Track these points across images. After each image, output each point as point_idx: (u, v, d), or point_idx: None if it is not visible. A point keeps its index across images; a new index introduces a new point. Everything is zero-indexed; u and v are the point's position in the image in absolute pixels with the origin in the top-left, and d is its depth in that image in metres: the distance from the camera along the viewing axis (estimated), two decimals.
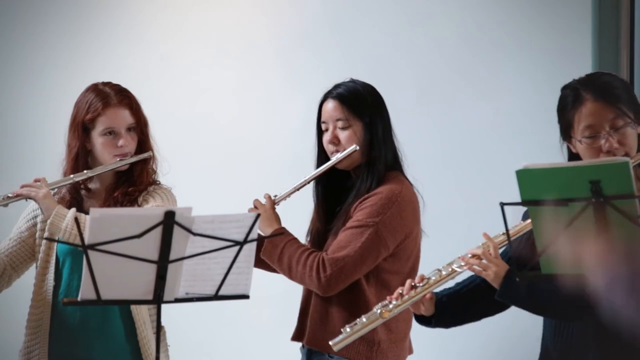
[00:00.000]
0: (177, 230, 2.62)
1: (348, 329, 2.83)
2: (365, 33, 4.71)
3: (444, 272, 2.76)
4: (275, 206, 3.30)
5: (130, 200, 3.36)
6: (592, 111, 2.70)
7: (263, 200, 3.29)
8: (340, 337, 2.84)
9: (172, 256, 2.65)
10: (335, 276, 3.14)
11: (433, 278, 2.76)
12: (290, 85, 4.76)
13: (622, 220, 2.36)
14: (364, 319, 2.82)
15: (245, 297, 2.83)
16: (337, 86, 3.31)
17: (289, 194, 3.30)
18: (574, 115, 2.72)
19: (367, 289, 3.20)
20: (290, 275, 3.22)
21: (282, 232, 3.22)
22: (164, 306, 2.73)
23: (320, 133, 3.32)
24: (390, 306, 2.78)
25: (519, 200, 2.45)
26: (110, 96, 3.37)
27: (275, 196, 3.30)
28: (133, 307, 3.29)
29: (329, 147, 3.27)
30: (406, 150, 4.58)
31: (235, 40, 4.90)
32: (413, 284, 2.78)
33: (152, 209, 3.15)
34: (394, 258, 3.19)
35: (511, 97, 4.50)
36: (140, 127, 3.40)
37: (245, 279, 2.79)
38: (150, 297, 2.71)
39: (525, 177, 2.43)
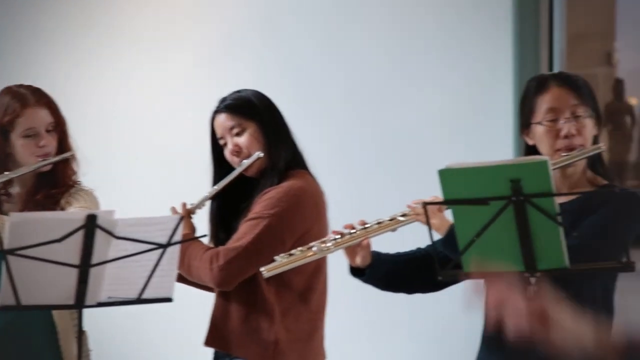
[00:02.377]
0: (99, 233, 2.60)
1: (281, 258, 2.82)
2: (295, 34, 4.71)
3: (386, 220, 2.76)
4: (192, 215, 3.27)
5: (53, 202, 3.31)
6: (556, 95, 2.76)
7: (179, 209, 3.26)
8: (273, 264, 2.82)
9: (94, 260, 2.63)
10: (227, 267, 3.09)
11: (375, 225, 2.76)
12: (215, 88, 4.73)
13: (541, 218, 2.39)
14: (299, 252, 2.81)
15: (168, 300, 2.81)
16: (222, 100, 3.29)
17: (202, 203, 3.25)
18: (537, 99, 2.78)
19: (265, 288, 3.15)
20: (191, 273, 3.17)
21: (194, 238, 3.15)
22: (86, 310, 2.70)
23: (216, 151, 3.29)
24: (329, 244, 2.77)
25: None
26: (27, 97, 3.32)
27: (192, 204, 3.26)
28: (55, 312, 3.24)
29: (233, 159, 3.23)
30: (336, 149, 4.60)
31: (158, 40, 4.87)
32: (354, 226, 2.77)
33: (73, 213, 3.11)
34: None
35: (437, 98, 4.52)
36: (60, 126, 3.36)
37: (168, 281, 2.77)
38: (71, 301, 2.68)
39: (447, 176, 2.45)
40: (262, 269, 2.84)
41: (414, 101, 4.54)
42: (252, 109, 3.24)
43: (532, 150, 2.80)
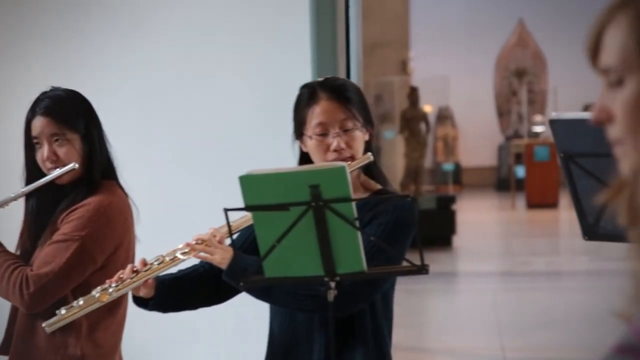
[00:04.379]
0: None
1: (63, 311, 2.76)
2: (93, 29, 4.61)
3: (167, 259, 2.74)
4: None
5: None
6: (324, 110, 2.77)
7: None
8: (55, 318, 2.77)
9: None
10: (39, 294, 3.00)
11: (156, 264, 2.74)
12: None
13: (340, 223, 2.44)
14: (81, 302, 2.76)
15: None
16: (40, 100, 3.14)
17: (6, 202, 3.11)
18: (308, 112, 2.80)
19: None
20: None
21: None
22: None
23: (29, 147, 3.16)
24: (110, 290, 2.74)
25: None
26: None
27: None
28: None
29: (46, 165, 3.12)
30: (141, 152, 4.53)
31: None
32: (135, 268, 2.74)
33: None
34: (103, 271, 3.06)
35: (239, 102, 4.54)
36: None
37: None
38: None
39: (248, 182, 2.46)
40: (44, 324, 2.79)
41: (217, 105, 4.55)
42: (76, 120, 3.13)
43: (306, 157, 2.83)
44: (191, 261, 2.84)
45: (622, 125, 1.33)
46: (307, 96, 2.82)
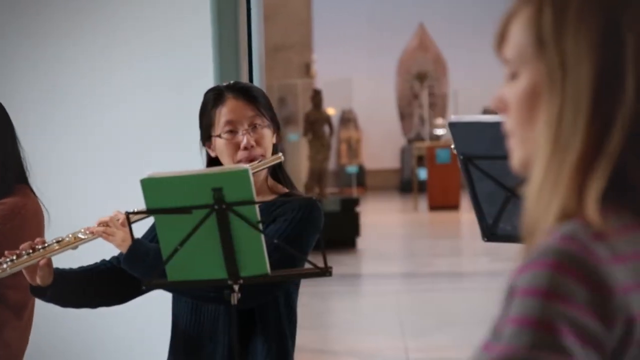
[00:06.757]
0: None
1: None
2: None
3: (67, 239, 2.69)
4: None
5: None
6: (232, 108, 2.78)
7: None
8: None
9: None
10: None
11: (55, 243, 2.69)
12: None
13: (243, 226, 2.44)
14: None
15: None
16: None
17: None
18: (215, 113, 2.80)
19: None
20: None
21: None
22: None
23: None
24: (4, 265, 2.68)
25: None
26: None
27: None
28: None
29: None
30: (38, 158, 4.46)
31: None
32: (33, 246, 2.68)
33: None
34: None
35: (141, 106, 4.51)
36: None
37: None
38: None
39: (150, 185, 2.45)
40: None
41: (119, 110, 4.51)
42: None
43: (215, 162, 2.83)
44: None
45: (512, 118, 1.38)
46: (213, 98, 2.83)
